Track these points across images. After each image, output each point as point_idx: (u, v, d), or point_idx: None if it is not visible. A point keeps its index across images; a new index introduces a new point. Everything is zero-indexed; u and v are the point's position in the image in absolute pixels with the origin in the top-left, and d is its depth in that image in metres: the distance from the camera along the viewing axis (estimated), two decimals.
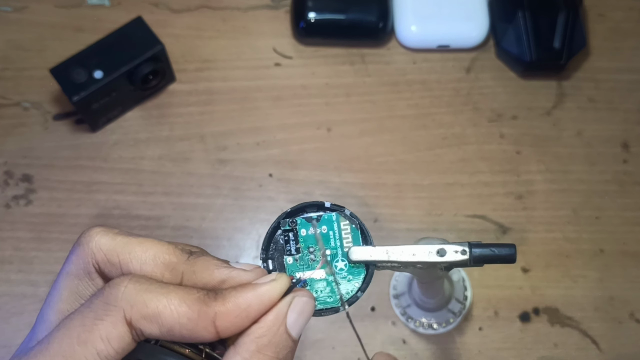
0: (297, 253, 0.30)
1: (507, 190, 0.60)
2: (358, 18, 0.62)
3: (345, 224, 0.31)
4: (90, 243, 0.27)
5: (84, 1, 0.64)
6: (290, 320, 0.26)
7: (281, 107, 0.62)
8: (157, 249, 0.27)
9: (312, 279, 0.30)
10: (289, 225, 0.31)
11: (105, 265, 0.27)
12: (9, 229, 0.56)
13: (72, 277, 0.27)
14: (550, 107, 0.63)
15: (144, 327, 0.24)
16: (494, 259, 0.30)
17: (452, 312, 0.54)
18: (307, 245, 0.30)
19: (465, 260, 0.30)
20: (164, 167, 0.59)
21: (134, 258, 0.26)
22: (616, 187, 0.60)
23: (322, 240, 0.30)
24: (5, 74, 0.62)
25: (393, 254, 0.30)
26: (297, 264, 0.30)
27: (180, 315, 0.24)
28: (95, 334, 0.24)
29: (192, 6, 0.65)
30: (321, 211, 0.31)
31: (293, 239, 0.30)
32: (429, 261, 0.30)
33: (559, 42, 0.62)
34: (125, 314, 0.24)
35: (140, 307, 0.24)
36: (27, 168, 0.58)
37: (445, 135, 0.61)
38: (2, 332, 0.53)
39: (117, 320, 0.24)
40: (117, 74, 0.56)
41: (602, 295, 0.57)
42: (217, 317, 0.25)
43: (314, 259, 0.30)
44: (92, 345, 0.24)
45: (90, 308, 0.25)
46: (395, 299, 0.55)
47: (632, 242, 0.59)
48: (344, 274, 0.30)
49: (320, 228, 0.31)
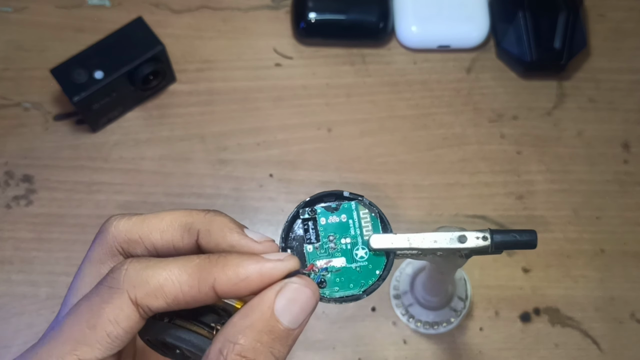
0: (317, 241, 0.30)
1: (508, 191, 0.60)
2: (358, 18, 0.62)
3: (364, 212, 0.31)
4: (110, 228, 0.28)
5: (84, 2, 0.64)
6: (278, 306, 0.25)
7: (282, 107, 0.62)
8: (172, 215, 0.28)
9: (332, 266, 0.30)
10: (308, 214, 0.31)
11: (128, 245, 0.28)
12: (9, 229, 0.56)
13: (94, 262, 0.28)
14: (550, 107, 0.63)
15: (150, 303, 0.25)
16: (515, 244, 0.30)
17: (454, 310, 0.54)
18: (327, 233, 0.31)
19: (486, 246, 0.30)
20: (164, 167, 0.59)
21: (153, 229, 0.28)
22: (617, 187, 0.60)
23: (342, 229, 0.31)
24: (5, 74, 0.62)
25: (414, 241, 0.30)
26: (317, 252, 0.30)
27: (181, 283, 0.25)
28: (103, 317, 0.25)
29: (192, 6, 0.65)
30: (340, 200, 0.31)
31: (313, 227, 0.31)
32: (450, 247, 0.30)
33: (560, 42, 0.62)
34: (130, 295, 0.25)
35: (142, 285, 0.25)
36: (27, 168, 0.58)
37: (445, 136, 0.61)
38: (3, 332, 0.53)
39: (122, 301, 0.25)
40: (118, 75, 0.56)
41: (603, 295, 0.57)
42: (216, 282, 0.25)
43: (334, 247, 0.30)
44: (102, 328, 0.25)
45: (96, 293, 0.25)
46: (396, 299, 0.55)
47: (632, 242, 0.59)
48: (364, 262, 0.30)
49: (339, 217, 0.31)
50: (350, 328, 0.55)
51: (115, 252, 0.28)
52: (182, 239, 0.27)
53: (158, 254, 0.28)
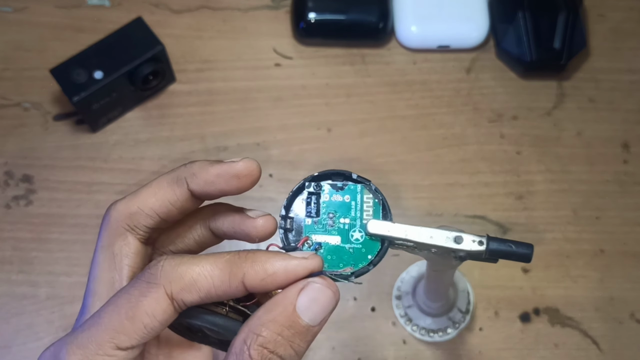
0: (316, 216, 0.31)
1: (508, 191, 0.60)
2: (358, 18, 0.62)
3: (368, 197, 0.31)
4: (111, 212, 0.31)
5: (84, 2, 0.64)
6: (300, 303, 0.27)
7: (281, 107, 0.62)
8: (158, 178, 0.30)
9: (326, 243, 0.30)
10: (314, 188, 0.31)
11: (131, 220, 0.30)
12: (9, 230, 0.56)
13: (105, 247, 0.30)
14: (550, 107, 0.63)
15: (185, 297, 0.27)
16: (509, 255, 0.30)
17: (452, 321, 0.54)
18: (327, 210, 0.31)
19: (480, 251, 0.30)
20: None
21: (146, 196, 0.30)
22: (616, 187, 0.60)
23: (343, 209, 0.31)
24: (5, 74, 0.62)
25: (410, 233, 0.30)
26: (315, 227, 0.31)
27: (214, 278, 0.27)
28: (141, 309, 0.27)
29: (192, 7, 0.65)
30: (347, 181, 0.31)
31: (315, 202, 0.31)
32: (444, 246, 0.30)
33: (559, 42, 0.62)
34: (166, 290, 0.27)
35: (177, 280, 0.27)
36: (27, 168, 0.58)
37: (445, 136, 0.61)
38: (2, 332, 0.53)
39: (159, 295, 0.27)
40: (118, 75, 0.56)
41: (603, 295, 0.57)
42: (245, 277, 0.27)
43: (332, 225, 0.31)
44: (139, 320, 0.27)
45: (134, 287, 0.27)
46: (397, 299, 0.55)
47: (632, 242, 0.59)
48: (359, 244, 0.31)
49: (343, 196, 0.31)
50: (349, 328, 0.55)
51: (122, 231, 0.30)
52: (174, 193, 0.30)
53: (158, 216, 0.30)
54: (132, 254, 0.30)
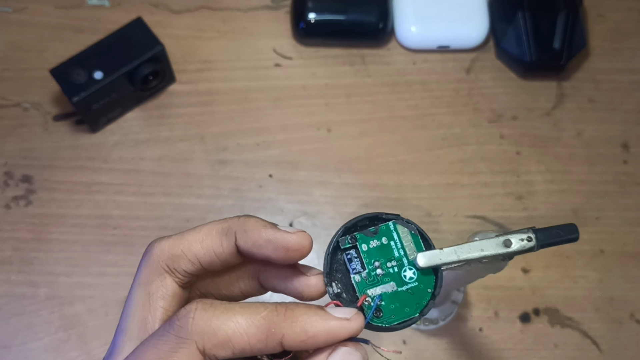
0: (363, 270, 0.29)
1: (507, 191, 0.60)
2: (358, 19, 0.62)
3: (403, 231, 0.30)
4: (154, 249, 0.29)
5: (84, 2, 0.64)
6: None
7: (281, 107, 0.62)
8: (209, 225, 0.29)
9: (385, 293, 0.29)
10: (349, 243, 0.29)
11: (172, 261, 0.29)
12: (8, 230, 0.56)
13: (142, 285, 0.29)
14: (550, 107, 0.63)
15: (218, 353, 0.25)
16: (558, 240, 0.30)
17: (454, 302, 0.54)
18: (371, 259, 0.29)
19: (532, 246, 0.30)
20: (164, 167, 0.59)
21: (193, 241, 0.29)
22: (616, 187, 0.60)
23: (385, 252, 0.30)
24: (5, 74, 0.62)
25: (462, 253, 0.29)
26: (366, 281, 0.29)
27: (249, 337, 0.25)
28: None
29: (192, 7, 0.65)
30: (375, 222, 0.30)
31: (356, 256, 0.29)
32: (497, 254, 0.30)
33: (559, 42, 0.62)
34: (198, 345, 0.25)
35: (210, 336, 0.25)
36: (27, 169, 0.58)
37: (445, 136, 0.61)
38: (2, 332, 0.53)
39: (191, 351, 0.25)
40: (117, 75, 0.56)
41: (603, 295, 0.57)
42: (284, 338, 0.25)
43: (382, 273, 0.29)
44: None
45: (163, 341, 0.26)
46: None
47: (632, 242, 0.59)
48: (414, 282, 0.29)
49: (380, 240, 0.30)
50: None
51: (161, 271, 0.29)
52: (221, 244, 0.29)
53: (201, 264, 0.29)
54: (168, 296, 0.29)
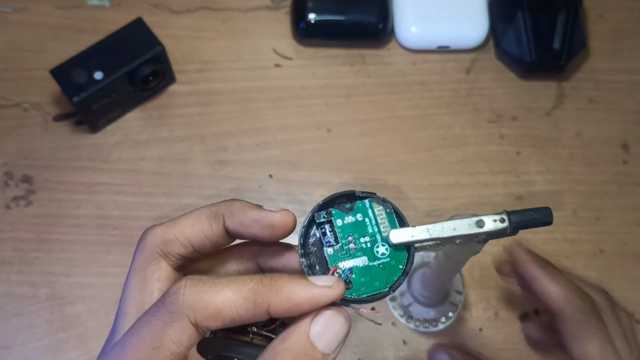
0: (336, 243, 0.30)
1: (507, 191, 0.60)
2: (358, 19, 0.62)
3: (379, 209, 0.31)
4: (147, 236, 0.31)
5: (84, 2, 0.64)
6: (314, 331, 0.27)
7: (281, 107, 0.62)
8: (198, 210, 0.31)
9: (356, 266, 0.30)
10: (324, 217, 0.31)
11: (165, 246, 0.31)
12: (9, 230, 0.56)
13: (138, 270, 0.31)
14: (550, 107, 0.63)
15: (209, 324, 0.27)
16: (531, 223, 0.31)
17: (452, 304, 0.54)
18: (345, 234, 0.30)
19: (504, 227, 0.30)
20: (164, 168, 0.59)
21: (184, 226, 0.31)
22: (616, 187, 0.60)
23: (359, 228, 0.31)
24: (5, 74, 0.62)
25: (434, 231, 0.30)
26: (338, 254, 0.30)
27: (238, 307, 0.27)
28: (167, 338, 0.27)
29: (192, 7, 0.65)
30: (352, 200, 0.31)
31: (330, 230, 0.31)
32: (469, 233, 0.30)
33: (559, 43, 0.62)
34: (190, 319, 0.27)
35: (201, 309, 0.27)
36: (27, 169, 0.58)
37: (445, 136, 0.61)
38: (2, 333, 0.53)
39: (183, 325, 0.27)
40: (117, 75, 0.56)
41: None
42: (270, 307, 0.27)
43: (354, 247, 0.30)
44: (166, 348, 0.27)
45: (157, 317, 0.28)
46: (392, 301, 0.55)
47: (632, 242, 0.59)
48: (386, 258, 0.30)
49: (355, 216, 0.31)
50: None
51: (156, 256, 0.31)
52: (210, 227, 0.31)
53: (192, 246, 0.31)
54: (163, 278, 0.31)
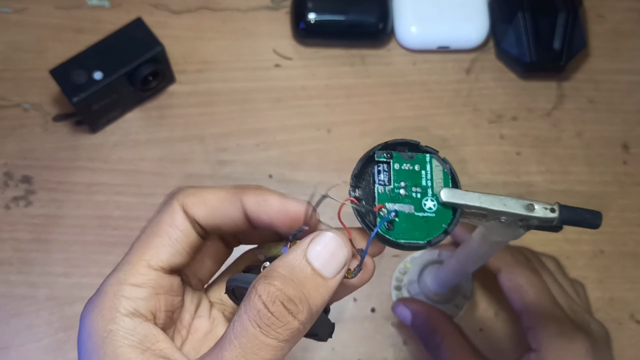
0: (388, 184, 0.31)
1: (507, 191, 0.60)
2: (358, 19, 0.62)
3: (437, 166, 0.31)
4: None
5: (83, 2, 0.64)
6: (311, 250, 0.28)
7: (281, 108, 0.62)
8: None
9: (401, 211, 0.30)
10: (384, 157, 0.31)
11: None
12: (8, 230, 0.56)
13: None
14: (550, 108, 0.63)
15: (195, 211, 0.31)
16: (580, 221, 0.31)
17: (456, 307, 0.54)
18: (399, 179, 0.31)
19: (552, 218, 0.30)
20: (164, 168, 0.59)
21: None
22: (616, 188, 0.60)
23: (414, 178, 0.31)
24: (5, 75, 0.62)
25: (485, 201, 0.30)
26: (388, 195, 0.30)
27: (219, 196, 0.31)
28: (163, 223, 0.31)
29: (191, 7, 0.65)
30: (414, 151, 0.32)
31: (386, 170, 0.31)
32: (517, 213, 0.30)
33: (559, 43, 0.62)
34: (180, 203, 0.31)
35: (190, 196, 0.31)
36: (26, 169, 0.58)
37: (445, 137, 0.61)
38: (2, 333, 0.53)
39: (175, 209, 0.31)
40: (117, 75, 0.56)
41: (602, 296, 0.57)
42: (244, 197, 0.31)
43: (404, 194, 0.30)
44: (163, 232, 0.31)
45: (156, 212, 0.32)
46: (396, 290, 0.55)
47: (632, 243, 0.59)
48: (432, 213, 0.30)
49: (413, 166, 0.31)
50: (349, 329, 0.55)
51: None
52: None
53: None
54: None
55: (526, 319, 0.46)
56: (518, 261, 0.48)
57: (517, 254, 0.49)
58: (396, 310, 0.53)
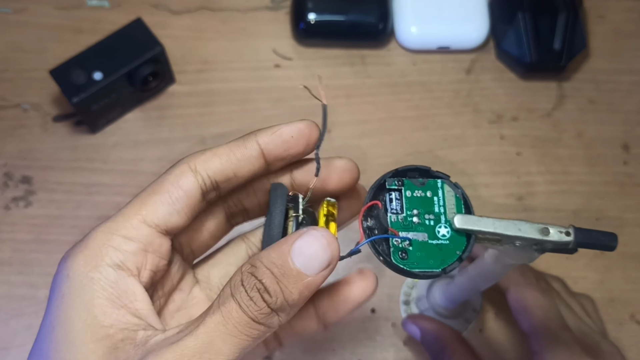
0: (401, 213, 0.30)
1: (508, 192, 0.60)
2: (358, 19, 0.62)
3: (449, 191, 0.31)
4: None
5: (83, 3, 0.64)
6: (296, 246, 0.28)
7: (281, 108, 0.62)
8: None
9: (415, 240, 0.30)
10: (395, 185, 0.31)
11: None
12: (8, 231, 0.56)
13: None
14: (550, 108, 0.63)
15: (207, 166, 0.30)
16: (595, 245, 0.31)
17: (465, 321, 0.54)
18: (411, 206, 0.30)
19: (568, 242, 0.30)
20: (163, 168, 0.58)
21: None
22: (616, 188, 0.60)
23: (426, 205, 0.31)
24: (4, 75, 0.62)
25: (499, 227, 0.30)
26: (401, 224, 0.30)
27: (230, 146, 0.31)
28: (166, 182, 0.30)
29: (191, 7, 0.65)
30: (425, 176, 0.31)
31: (398, 198, 0.31)
32: (532, 238, 0.30)
33: (559, 43, 0.62)
34: (190, 165, 0.30)
35: (199, 155, 0.30)
36: (26, 170, 0.58)
37: (445, 137, 0.61)
38: (2, 334, 0.53)
39: (182, 169, 0.30)
40: (117, 76, 0.55)
41: (603, 296, 0.57)
42: (258, 138, 0.31)
43: (417, 221, 0.30)
44: (165, 190, 0.30)
45: (162, 173, 0.31)
46: (405, 305, 0.55)
47: (632, 243, 0.58)
48: (446, 240, 0.30)
49: (425, 192, 0.31)
50: (349, 329, 0.55)
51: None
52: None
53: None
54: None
55: (534, 343, 0.46)
56: (528, 281, 0.48)
57: (527, 273, 0.48)
58: (405, 327, 0.52)
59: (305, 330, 0.36)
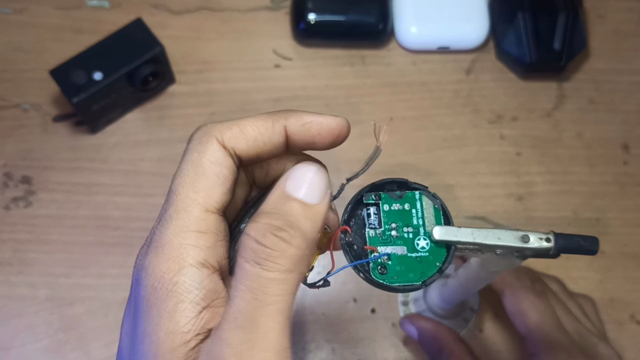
0: (379, 227, 0.30)
1: (508, 192, 0.60)
2: (358, 19, 0.62)
3: (427, 203, 0.31)
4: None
5: (83, 3, 0.64)
6: (290, 185, 0.27)
7: (281, 108, 0.61)
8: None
9: (394, 254, 0.30)
10: (372, 199, 0.31)
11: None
12: (8, 231, 0.56)
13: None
14: (550, 108, 0.63)
15: (235, 144, 0.29)
16: (576, 250, 0.31)
17: (464, 321, 0.54)
18: (389, 220, 0.30)
19: (548, 248, 0.30)
20: (163, 168, 0.59)
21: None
22: (616, 188, 0.60)
23: (404, 218, 0.30)
24: (5, 75, 0.62)
25: (478, 236, 0.30)
26: (379, 238, 0.30)
27: (258, 126, 0.29)
28: (206, 164, 0.28)
29: (191, 8, 0.65)
30: (403, 189, 0.31)
31: (375, 213, 0.30)
32: (512, 246, 0.30)
33: (559, 43, 0.62)
34: (218, 139, 0.29)
35: (226, 130, 0.29)
36: (26, 170, 0.58)
37: (445, 137, 0.61)
38: (2, 334, 0.53)
39: (214, 145, 0.29)
40: (117, 76, 0.55)
41: (603, 296, 0.57)
42: (287, 122, 0.30)
43: (396, 235, 0.30)
44: (211, 172, 0.28)
45: (191, 152, 0.29)
46: (403, 305, 0.55)
47: (632, 243, 0.58)
48: (425, 252, 0.30)
49: (403, 205, 0.31)
50: (349, 330, 0.55)
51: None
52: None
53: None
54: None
55: (530, 346, 0.45)
56: (523, 284, 0.47)
57: (522, 275, 0.48)
58: (403, 327, 0.53)
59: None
